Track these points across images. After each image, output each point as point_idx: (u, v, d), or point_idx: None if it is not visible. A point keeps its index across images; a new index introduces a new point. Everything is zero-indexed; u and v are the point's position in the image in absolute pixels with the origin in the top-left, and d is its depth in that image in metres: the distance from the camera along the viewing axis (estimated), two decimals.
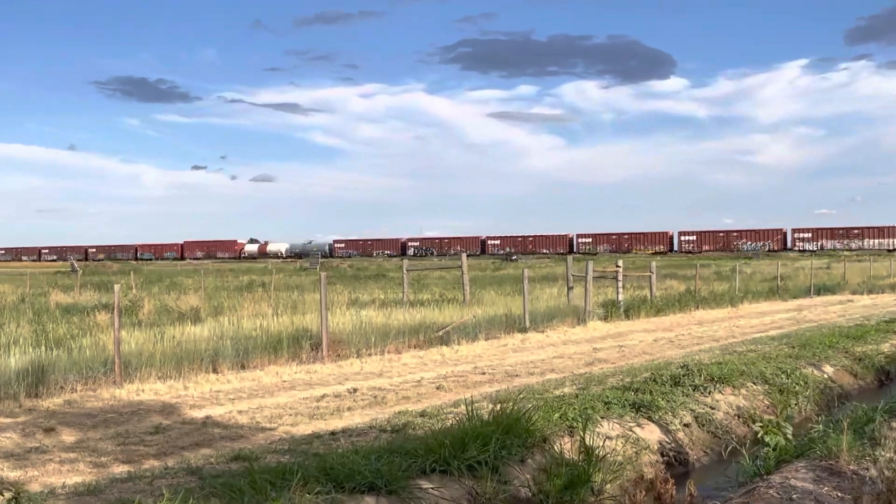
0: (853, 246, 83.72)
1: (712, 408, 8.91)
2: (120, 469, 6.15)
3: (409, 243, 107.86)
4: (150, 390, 9.43)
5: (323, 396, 9.14)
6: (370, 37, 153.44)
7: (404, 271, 20.92)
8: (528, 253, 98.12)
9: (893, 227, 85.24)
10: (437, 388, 9.72)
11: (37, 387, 8.94)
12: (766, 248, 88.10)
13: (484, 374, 10.88)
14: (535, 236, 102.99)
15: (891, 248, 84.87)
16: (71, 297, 22.24)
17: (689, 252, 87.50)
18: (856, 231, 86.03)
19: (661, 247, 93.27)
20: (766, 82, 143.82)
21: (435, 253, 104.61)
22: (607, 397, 8.27)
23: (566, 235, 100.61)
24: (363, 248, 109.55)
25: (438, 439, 5.97)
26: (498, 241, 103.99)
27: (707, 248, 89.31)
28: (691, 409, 8.64)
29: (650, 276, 22.44)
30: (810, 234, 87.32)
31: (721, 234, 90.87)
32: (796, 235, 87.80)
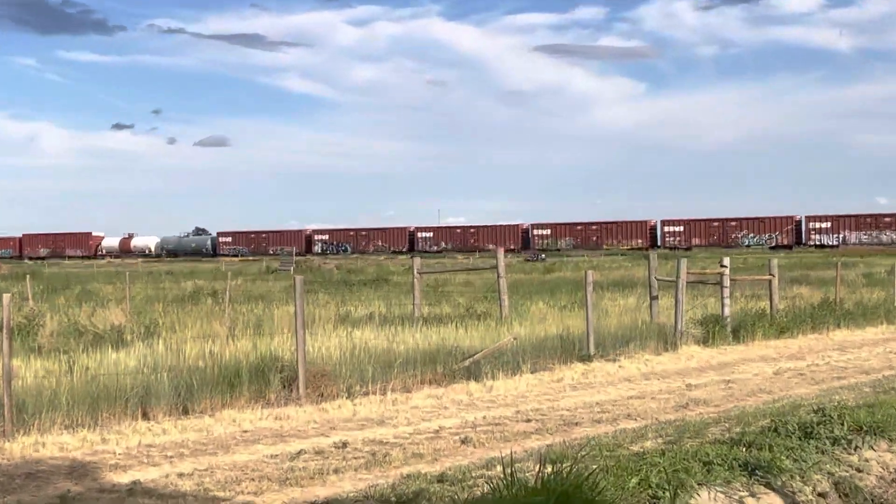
0: (884, 238, 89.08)
1: (860, 470, 8.83)
2: None
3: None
4: (53, 444, 9.53)
5: (299, 453, 9.19)
6: None
7: (415, 274, 20.98)
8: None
9: None
10: (463, 441, 9.73)
11: None
12: (774, 242, 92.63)
13: (529, 420, 10.89)
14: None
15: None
16: None
17: (674, 248, 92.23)
18: (887, 219, 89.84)
19: (640, 241, 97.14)
20: None
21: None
22: (707, 455, 8.22)
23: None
24: (255, 243, 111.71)
25: None
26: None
27: (697, 241, 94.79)
28: (829, 473, 8.56)
29: (770, 281, 22.29)
30: (829, 224, 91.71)
31: (715, 224, 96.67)
32: (811, 225, 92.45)
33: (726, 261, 20.57)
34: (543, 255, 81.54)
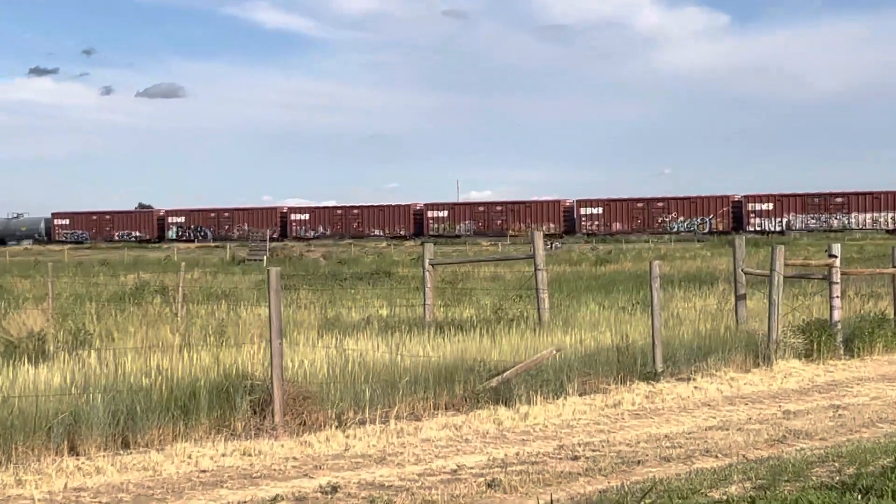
0: (834, 223, 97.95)
1: None
2: None
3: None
4: None
5: (275, 501, 9.23)
6: None
7: (426, 266, 20.99)
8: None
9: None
10: (489, 484, 9.74)
11: None
12: (707, 228, 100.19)
13: (576, 458, 10.89)
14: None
15: (890, 227, 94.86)
16: None
17: (593, 234, 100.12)
18: (839, 199, 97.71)
19: (553, 225, 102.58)
20: None
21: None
22: None
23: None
24: (97, 227, 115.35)
25: None
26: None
27: (619, 226, 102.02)
28: None
29: (894, 276, 22.18)
30: (772, 206, 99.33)
31: (639, 206, 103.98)
32: (750, 207, 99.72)
33: (836, 249, 20.44)
34: (559, 244, 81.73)
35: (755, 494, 8.65)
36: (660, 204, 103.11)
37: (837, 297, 19.94)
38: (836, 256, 20.19)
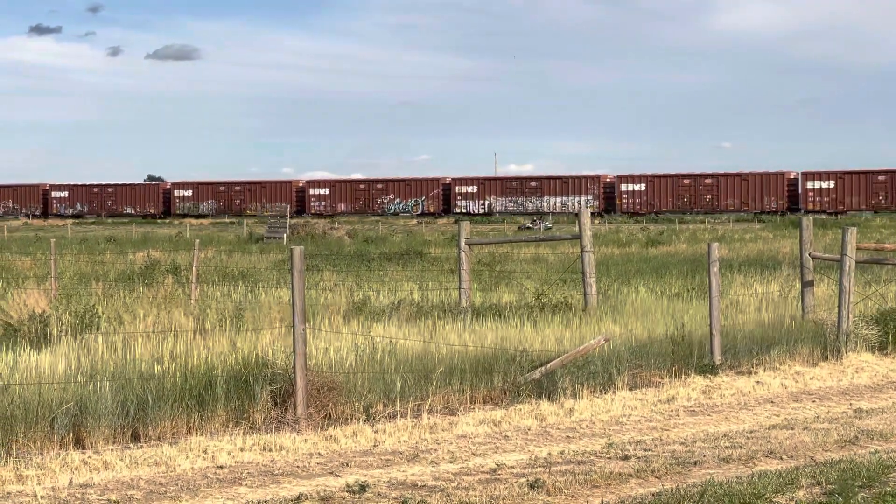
0: (529, 207, 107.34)
1: None
2: None
3: (459, 187, 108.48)
4: None
5: (298, 500, 9.25)
6: None
7: (461, 247, 20.94)
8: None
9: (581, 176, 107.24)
10: (531, 485, 9.74)
11: None
12: (420, 209, 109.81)
13: (627, 457, 10.89)
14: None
15: (575, 210, 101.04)
16: None
17: (320, 214, 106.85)
18: (533, 184, 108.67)
19: (282, 202, 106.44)
20: None
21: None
22: None
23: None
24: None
25: None
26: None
27: (343, 207, 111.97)
28: None
29: None
30: (476, 189, 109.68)
31: (361, 187, 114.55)
32: (457, 189, 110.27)
33: None
34: (548, 223, 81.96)
35: (826, 501, 8.61)
36: (708, 181, 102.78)
37: None
38: None
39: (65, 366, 13.29)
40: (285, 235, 59.23)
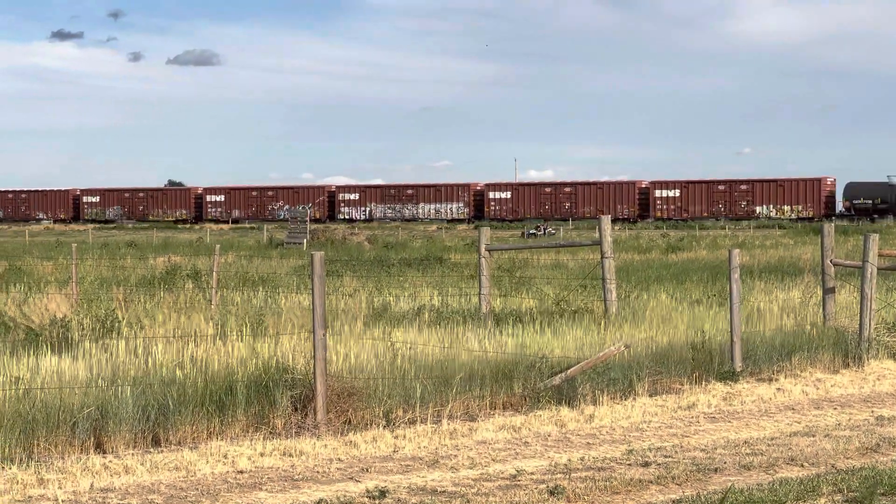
0: (406, 214, 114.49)
1: None
2: None
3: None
4: None
5: None
6: None
7: (482, 252, 20.96)
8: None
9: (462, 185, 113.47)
10: (551, 492, 9.77)
11: None
12: (309, 215, 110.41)
13: (647, 464, 10.91)
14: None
15: (449, 216, 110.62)
16: None
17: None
18: (409, 191, 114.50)
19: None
20: None
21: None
22: None
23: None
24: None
25: None
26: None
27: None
28: None
29: None
30: (357, 196, 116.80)
31: (254, 194, 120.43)
32: (341, 197, 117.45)
33: None
34: (551, 230, 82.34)
35: None
36: (743, 187, 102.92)
37: None
38: None
39: (86, 370, 13.36)
40: (305, 241, 59.35)
